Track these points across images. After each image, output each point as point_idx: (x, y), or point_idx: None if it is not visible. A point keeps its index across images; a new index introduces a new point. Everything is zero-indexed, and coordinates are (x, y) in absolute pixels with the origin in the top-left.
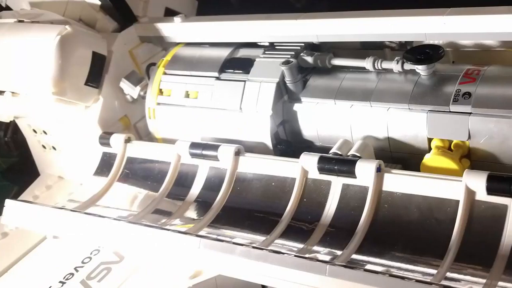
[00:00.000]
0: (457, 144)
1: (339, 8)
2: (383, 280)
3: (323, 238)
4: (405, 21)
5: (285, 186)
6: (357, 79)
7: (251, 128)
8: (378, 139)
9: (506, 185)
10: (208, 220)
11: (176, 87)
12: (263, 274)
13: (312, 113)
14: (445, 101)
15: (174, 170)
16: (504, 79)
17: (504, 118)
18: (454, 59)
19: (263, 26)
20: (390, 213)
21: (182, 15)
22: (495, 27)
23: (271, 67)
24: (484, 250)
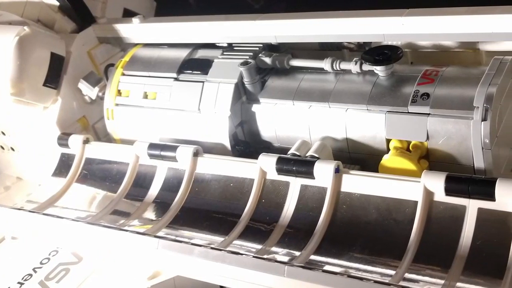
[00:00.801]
0: (416, 145)
1: (298, 9)
2: (341, 281)
3: (282, 239)
4: (363, 22)
5: (243, 187)
6: (315, 80)
7: (209, 129)
8: (336, 140)
9: (464, 186)
10: (166, 221)
11: (134, 88)
12: (222, 274)
13: (270, 114)
14: (404, 102)
15: (133, 171)
16: (462, 80)
17: (462, 119)
18: (412, 60)
19: (222, 27)
20: (349, 214)
21: (140, 16)
22: (454, 28)
23: (230, 68)
24: (442, 251)
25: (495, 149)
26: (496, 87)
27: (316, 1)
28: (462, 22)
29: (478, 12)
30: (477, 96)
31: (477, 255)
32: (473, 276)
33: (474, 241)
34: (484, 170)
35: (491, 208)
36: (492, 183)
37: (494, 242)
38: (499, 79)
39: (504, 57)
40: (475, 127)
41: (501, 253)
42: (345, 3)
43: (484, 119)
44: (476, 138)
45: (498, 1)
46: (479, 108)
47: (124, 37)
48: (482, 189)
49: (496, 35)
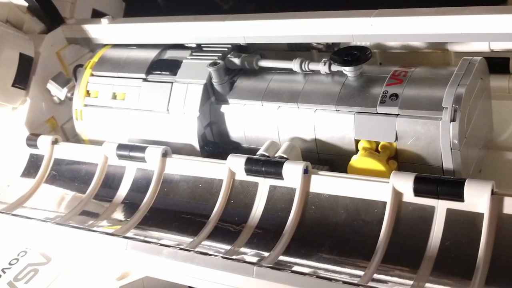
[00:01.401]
0: (384, 146)
1: (267, 9)
2: (310, 281)
3: (250, 240)
4: (332, 23)
5: (212, 187)
6: (284, 80)
7: (178, 130)
8: (305, 140)
9: (433, 187)
10: (135, 222)
11: (103, 88)
12: (190, 275)
13: (239, 115)
14: (372, 102)
15: (101, 171)
16: (431, 81)
17: (431, 120)
18: (381, 60)
19: (190, 27)
20: (317, 214)
21: (109, 17)
22: (422, 29)
23: (198, 69)
24: (411, 251)
25: (464, 150)
26: (465, 88)
27: (285, 2)
28: (431, 23)
29: (447, 13)
30: (446, 96)
31: (446, 255)
32: (442, 276)
33: (443, 241)
34: (453, 171)
35: (460, 209)
36: (461, 183)
37: (463, 242)
38: (468, 80)
39: (473, 57)
40: (444, 127)
41: (470, 253)
42: (314, 4)
43: (453, 119)
44: (445, 138)
45: (467, 2)
46: (448, 109)
47: (93, 38)
48: (450, 190)
49: (465, 36)
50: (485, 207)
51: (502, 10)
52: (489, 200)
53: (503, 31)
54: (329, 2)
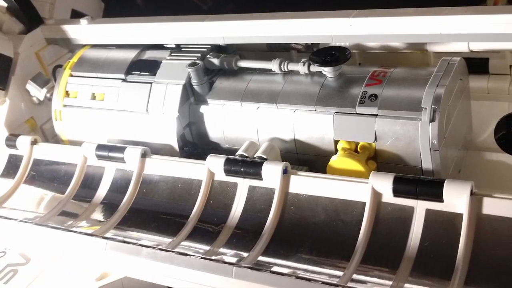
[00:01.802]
0: (364, 146)
1: (246, 10)
2: (289, 282)
3: (230, 240)
4: (311, 23)
5: (191, 188)
6: (263, 81)
7: (157, 130)
8: (284, 141)
9: (412, 187)
10: (114, 222)
11: (82, 89)
12: (170, 275)
13: (218, 115)
14: (352, 103)
15: (81, 172)
16: (410, 81)
17: (410, 120)
18: (360, 61)
19: (170, 28)
20: (297, 215)
21: (88, 17)
22: (401, 29)
23: (178, 69)
24: (390, 251)
25: (443, 150)
26: (444, 88)
27: (265, 2)
28: (410, 23)
29: (426, 13)
30: (425, 97)
31: (425, 256)
32: (421, 277)
33: (422, 242)
34: (432, 171)
35: (439, 209)
36: (440, 184)
37: (442, 243)
38: (447, 80)
39: (452, 58)
40: (423, 128)
41: (449, 254)
42: (293, 4)
43: (432, 120)
44: (424, 139)
45: (446, 2)
46: (427, 109)
47: (72, 38)
48: (430, 190)
49: (444, 36)
50: (464, 208)
51: (481, 11)
52: (468, 200)
53: (482, 31)
54: (309, 2)
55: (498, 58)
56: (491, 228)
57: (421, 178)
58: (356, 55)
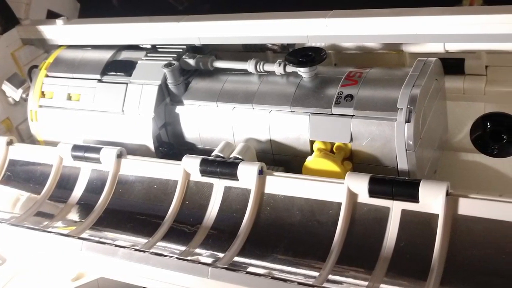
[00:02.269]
0: (339, 147)
1: (221, 10)
2: (265, 282)
3: (205, 241)
4: (287, 23)
5: (167, 188)
6: (239, 81)
7: (133, 131)
8: (260, 141)
9: (388, 188)
10: (90, 223)
11: (58, 89)
12: (145, 276)
13: (194, 116)
14: (327, 103)
15: (56, 172)
16: (386, 82)
17: (386, 121)
18: (336, 61)
19: (145, 28)
20: (272, 215)
21: (64, 18)
22: (377, 30)
23: (153, 70)
24: (366, 252)
25: (418, 151)
26: (420, 89)
27: (240, 3)
28: (386, 23)
29: (402, 13)
30: (401, 97)
31: (401, 256)
32: (397, 277)
33: (398, 242)
34: (408, 172)
35: (415, 210)
36: (416, 184)
37: (417, 243)
38: (423, 81)
39: (427, 58)
40: (399, 128)
41: (425, 254)
42: (269, 5)
43: (407, 120)
44: (399, 139)
45: (423, 3)
46: (403, 110)
47: (48, 39)
48: (405, 191)
49: (419, 37)
50: (440, 208)
51: (457, 11)
52: (444, 201)
53: (457, 32)
54: (284, 2)
55: (474, 59)
56: (466, 229)
57: (397, 178)
58: (332, 55)
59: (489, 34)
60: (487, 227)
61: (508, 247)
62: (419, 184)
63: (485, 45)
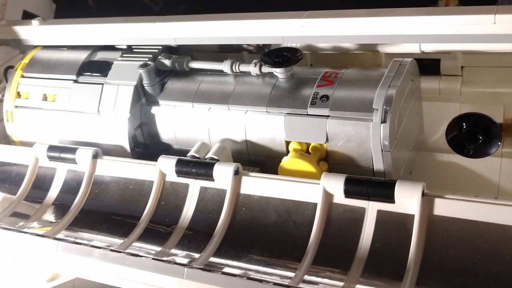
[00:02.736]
0: (315, 147)
1: (197, 11)
2: (241, 282)
3: (181, 241)
4: (262, 24)
5: (143, 189)
6: (215, 82)
7: (109, 131)
8: (236, 142)
9: (363, 188)
10: (66, 223)
11: (34, 90)
12: (121, 276)
13: (170, 116)
14: (303, 104)
15: (32, 173)
16: (361, 82)
17: (362, 121)
18: (312, 62)
19: (121, 28)
20: (248, 215)
21: (40, 18)
22: (353, 30)
23: (129, 70)
24: (342, 252)
25: (394, 151)
26: (395, 89)
27: (216, 3)
28: (362, 24)
29: (378, 14)
30: (376, 98)
31: (377, 257)
32: (373, 278)
33: (374, 243)
34: (383, 172)
35: (391, 210)
36: (391, 185)
37: (393, 244)
38: (399, 81)
39: (403, 59)
40: (375, 129)
41: (401, 254)
42: (245, 5)
43: (383, 121)
44: (375, 140)
45: (399, 3)
46: (379, 110)
47: (24, 39)
48: (381, 191)
49: (395, 37)
50: (416, 209)
51: (433, 12)
52: (419, 201)
53: (433, 32)
54: (260, 3)
55: (450, 59)
56: (442, 229)
57: (373, 179)
58: (308, 56)
59: (464, 35)
60: (462, 227)
61: (484, 248)
62: (394, 185)
63: (461, 45)
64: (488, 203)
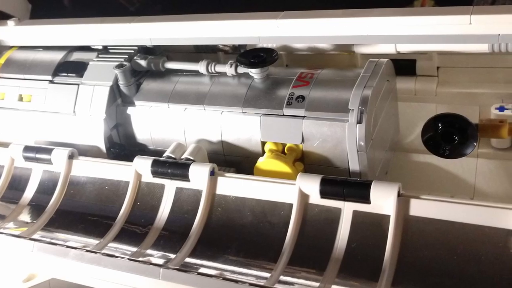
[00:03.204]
0: (291, 148)
1: (173, 11)
2: (216, 283)
3: (157, 242)
4: (238, 25)
5: (118, 189)
6: (191, 82)
7: (84, 132)
8: (212, 142)
9: (339, 189)
10: (41, 224)
11: (9, 90)
12: (97, 277)
13: (145, 117)
14: (279, 104)
15: (8, 173)
16: (337, 83)
17: (338, 122)
18: (288, 62)
19: (97, 29)
20: (224, 216)
21: (15, 19)
22: (329, 31)
23: (105, 71)
24: (317, 253)
25: (370, 152)
26: (371, 90)
27: (192, 4)
28: (338, 24)
29: (353, 14)
30: (352, 98)
31: (352, 257)
32: (348, 278)
33: (349, 243)
34: (359, 173)
35: (366, 211)
36: (367, 185)
37: (369, 244)
38: (375, 82)
39: (379, 59)
40: (350, 129)
41: (376, 255)
42: (221, 6)
43: (359, 121)
44: (351, 140)
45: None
46: (354, 111)
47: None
48: (357, 192)
49: (371, 38)
50: (391, 209)
51: (408, 12)
52: (395, 202)
53: (409, 33)
54: (236, 4)
55: (425, 60)
56: (418, 230)
57: (348, 179)
58: (284, 56)
59: (440, 35)
60: (438, 228)
61: (459, 248)
62: (370, 185)
63: (437, 46)
64: (463, 203)
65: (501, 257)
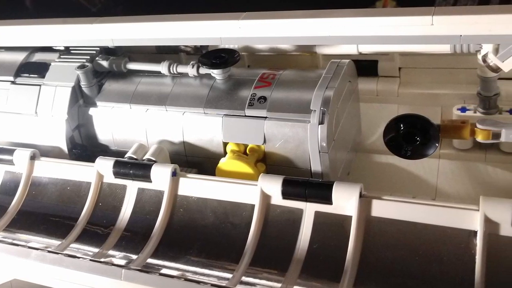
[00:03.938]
0: (253, 148)
1: (135, 12)
2: (178, 284)
3: (119, 242)
4: (200, 25)
5: (80, 190)
6: (152, 83)
7: (46, 132)
8: (173, 143)
9: (301, 190)
10: (3, 225)
11: None
12: (59, 278)
13: (107, 117)
14: (241, 105)
15: None
16: (299, 83)
17: (299, 122)
18: (249, 63)
19: (59, 30)
20: (186, 217)
21: None
22: (290, 31)
23: (67, 71)
24: (279, 254)
25: (332, 153)
26: (333, 91)
27: (154, 5)
28: (299, 25)
29: (315, 15)
30: (314, 99)
31: (314, 258)
32: (310, 279)
33: (311, 244)
34: (321, 174)
35: (328, 212)
36: (329, 186)
37: (331, 245)
38: (336, 83)
39: (341, 60)
40: (312, 130)
41: (338, 256)
42: (182, 6)
43: (321, 122)
44: (313, 141)
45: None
46: (316, 112)
47: None
48: (319, 193)
49: (333, 39)
50: (353, 210)
51: (370, 13)
52: (357, 202)
53: (371, 33)
54: (198, 4)
55: (387, 61)
56: (380, 230)
57: (310, 180)
58: (245, 57)
59: (402, 36)
60: (400, 228)
61: (421, 249)
62: (332, 186)
63: (398, 47)
64: (425, 204)
65: (463, 258)
